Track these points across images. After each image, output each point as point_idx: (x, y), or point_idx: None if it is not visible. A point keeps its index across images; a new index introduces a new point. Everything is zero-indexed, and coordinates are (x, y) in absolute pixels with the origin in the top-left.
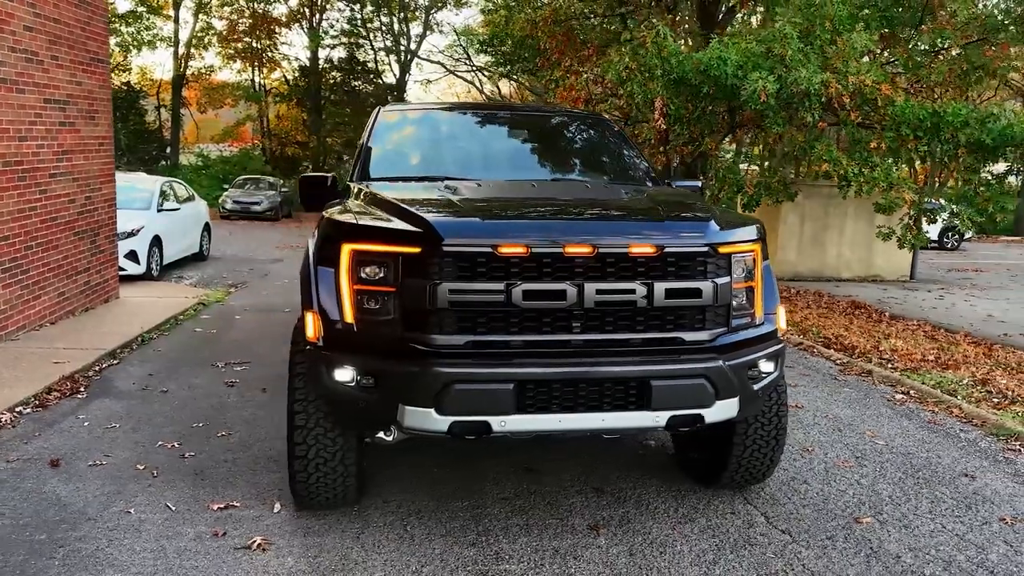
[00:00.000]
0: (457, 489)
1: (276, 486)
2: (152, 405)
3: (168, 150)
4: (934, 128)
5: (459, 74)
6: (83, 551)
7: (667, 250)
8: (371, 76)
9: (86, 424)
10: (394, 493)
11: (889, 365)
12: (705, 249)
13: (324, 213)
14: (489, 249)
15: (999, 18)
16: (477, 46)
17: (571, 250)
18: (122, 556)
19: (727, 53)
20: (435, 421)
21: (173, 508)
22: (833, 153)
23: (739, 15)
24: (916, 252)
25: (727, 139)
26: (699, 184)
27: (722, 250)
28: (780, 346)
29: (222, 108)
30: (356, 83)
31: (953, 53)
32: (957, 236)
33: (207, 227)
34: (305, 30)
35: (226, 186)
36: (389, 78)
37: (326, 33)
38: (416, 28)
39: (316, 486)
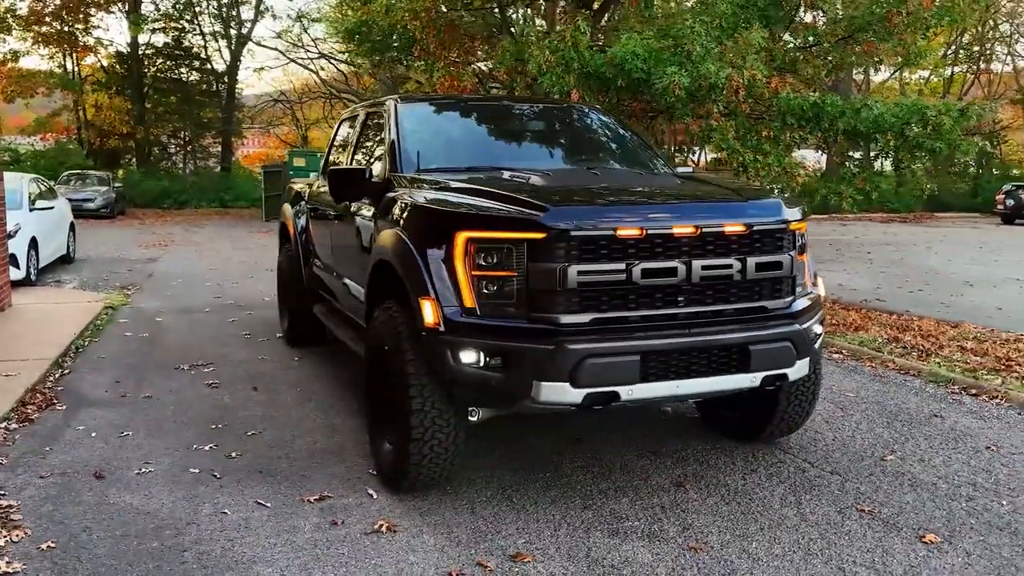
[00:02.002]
0: (530, 463)
1: (354, 475)
2: (147, 411)
3: None
4: (815, 118)
5: (300, 62)
6: (212, 553)
7: (754, 228)
8: (199, 63)
9: (93, 435)
10: (471, 471)
11: None
12: (782, 226)
13: (416, 202)
14: (611, 232)
15: (866, 19)
16: (343, 33)
17: (678, 231)
18: (258, 553)
19: (638, 48)
20: (570, 394)
21: (268, 505)
22: (729, 142)
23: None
24: None
25: None
26: (691, 169)
27: (791, 227)
28: (823, 310)
29: (33, 97)
30: (183, 70)
31: (825, 47)
32: None
33: (72, 227)
34: (124, 13)
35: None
36: (219, 65)
37: (146, 20)
38: (247, 12)
39: (429, 466)
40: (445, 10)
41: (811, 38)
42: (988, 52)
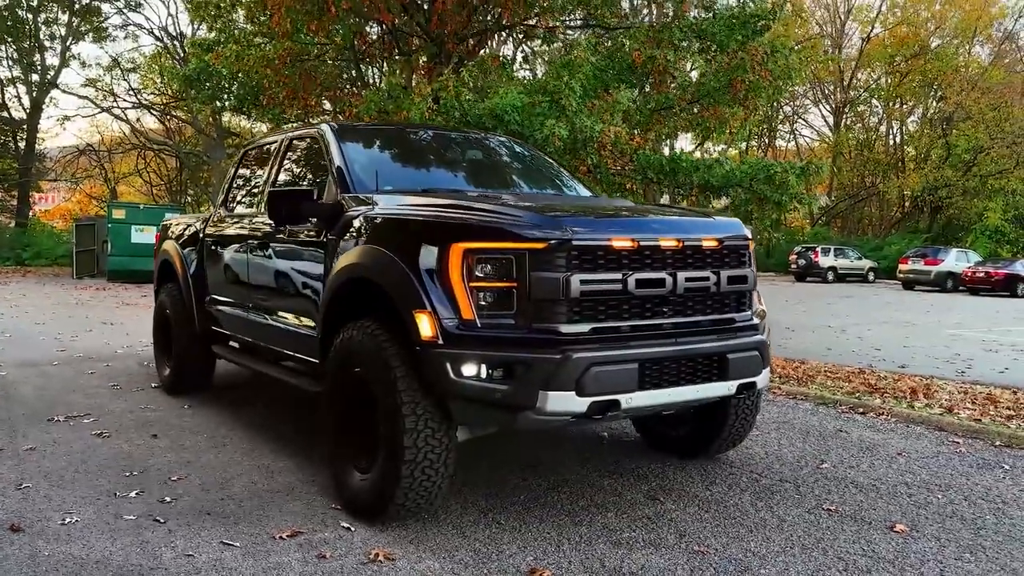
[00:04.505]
0: (498, 488)
1: (316, 511)
2: (38, 463)
3: None
4: (672, 172)
5: (114, 112)
6: None
7: (725, 243)
8: None
9: None
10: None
11: None
12: (745, 242)
13: (400, 216)
14: (607, 243)
15: (712, 85)
16: (181, 80)
17: (664, 243)
18: None
19: (516, 101)
20: (576, 403)
21: (236, 544)
22: (598, 193)
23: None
24: None
25: None
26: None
27: (750, 244)
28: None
29: None
30: None
31: (677, 111)
32: None
33: None
34: None
35: None
36: (18, 112)
37: None
38: (52, 58)
39: (419, 490)
40: (299, 61)
41: (664, 101)
42: (774, 130)
